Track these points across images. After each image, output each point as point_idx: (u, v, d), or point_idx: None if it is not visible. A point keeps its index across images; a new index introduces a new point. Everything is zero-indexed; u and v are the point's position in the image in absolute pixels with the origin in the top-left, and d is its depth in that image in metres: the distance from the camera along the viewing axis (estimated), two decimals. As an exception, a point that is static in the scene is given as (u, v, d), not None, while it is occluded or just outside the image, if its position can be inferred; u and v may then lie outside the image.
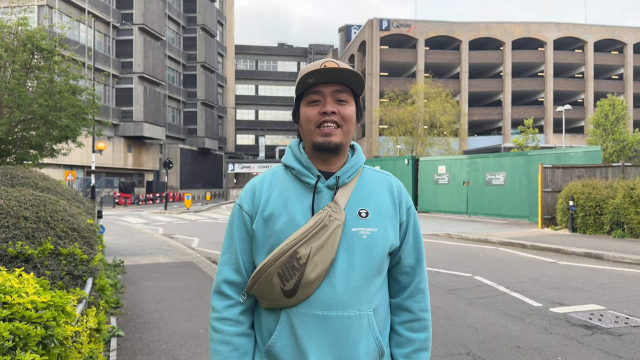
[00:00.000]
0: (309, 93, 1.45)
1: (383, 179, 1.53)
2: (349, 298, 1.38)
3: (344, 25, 64.71)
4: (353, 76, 1.42)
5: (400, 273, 1.53)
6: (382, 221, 1.45)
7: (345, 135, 1.43)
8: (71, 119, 9.44)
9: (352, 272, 1.40)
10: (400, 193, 1.53)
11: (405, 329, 1.51)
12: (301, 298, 1.37)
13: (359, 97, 1.50)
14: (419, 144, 41.22)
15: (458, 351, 4.68)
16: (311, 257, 1.36)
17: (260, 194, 1.47)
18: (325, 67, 1.41)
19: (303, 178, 1.45)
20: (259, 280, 1.40)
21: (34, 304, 2.27)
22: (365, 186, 1.49)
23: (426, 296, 1.55)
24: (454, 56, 51.29)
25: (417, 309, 1.52)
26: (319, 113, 1.42)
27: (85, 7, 36.51)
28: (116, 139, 39.64)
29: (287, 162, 1.50)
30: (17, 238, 4.39)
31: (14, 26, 9.65)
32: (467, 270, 8.69)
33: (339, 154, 1.46)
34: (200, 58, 52.32)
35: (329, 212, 1.39)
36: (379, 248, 1.43)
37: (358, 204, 1.44)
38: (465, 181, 20.20)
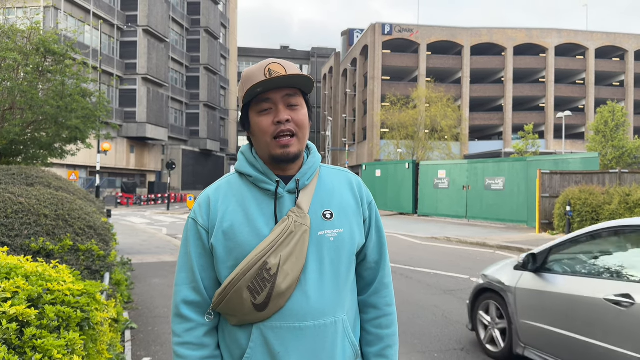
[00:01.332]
0: (258, 101, 1.38)
1: (342, 176, 1.51)
2: (324, 305, 1.35)
3: (346, 29, 65.11)
4: (300, 78, 1.37)
5: (365, 269, 1.51)
6: (347, 220, 1.42)
7: (301, 143, 1.40)
8: (81, 120, 9.73)
9: (323, 277, 1.36)
10: (361, 189, 1.50)
11: (374, 327, 1.50)
12: (273, 310, 1.32)
13: (307, 96, 1.46)
14: (420, 148, 41.50)
15: (453, 347, 4.94)
16: (281, 266, 1.31)
17: (217, 206, 1.40)
18: (270, 74, 1.35)
19: (261, 185, 1.40)
20: (227, 297, 1.34)
21: (71, 291, 2.54)
22: (325, 186, 1.45)
23: (390, 290, 1.54)
24: (456, 61, 51.60)
25: (382, 305, 1.51)
26: (273, 123, 1.37)
27: (91, 8, 36.86)
28: (119, 140, 39.95)
29: (242, 170, 1.44)
30: (39, 234, 4.66)
31: (27, 30, 9.95)
32: (464, 272, 8.95)
33: (296, 160, 1.43)
34: (203, 60, 52.67)
35: (294, 217, 1.36)
36: (347, 249, 1.40)
37: (321, 205, 1.41)
38: (465, 186, 20.46)
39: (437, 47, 52.17)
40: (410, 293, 7.30)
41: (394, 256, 10.79)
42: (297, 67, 1.44)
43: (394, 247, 12.51)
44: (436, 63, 51.26)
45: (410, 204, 23.66)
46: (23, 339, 1.97)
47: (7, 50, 9.12)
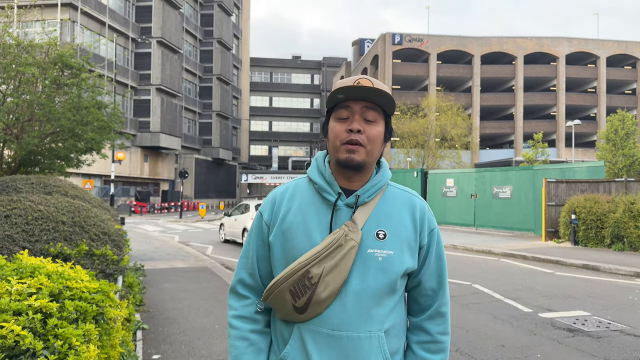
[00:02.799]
0: (339, 108, 1.45)
1: (407, 199, 1.52)
2: (359, 319, 1.39)
3: (357, 38, 65.54)
4: (383, 96, 1.42)
5: (420, 295, 1.53)
6: (399, 244, 1.44)
7: (368, 155, 1.44)
8: (96, 132, 10.13)
9: (364, 293, 1.40)
10: (424, 215, 1.51)
11: (421, 349, 1.51)
12: (312, 315, 1.39)
13: (389, 117, 1.50)
14: (429, 156, 41.63)
15: (447, 348, 5.16)
16: (323, 276, 1.37)
17: (281, 205, 1.50)
18: (357, 84, 1.42)
19: (324, 194, 1.46)
20: (272, 295, 1.43)
21: (88, 288, 2.84)
22: (386, 206, 1.48)
23: (446, 320, 1.54)
24: (466, 70, 51.75)
25: (435, 332, 1.51)
26: (346, 130, 1.43)
27: (106, 21, 37.69)
28: (133, 149, 40.61)
29: (310, 176, 1.52)
30: (57, 240, 4.99)
31: (45, 45, 10.40)
32: (467, 279, 9.14)
33: (362, 171, 1.46)
34: (216, 70, 53.40)
35: (346, 231, 1.40)
36: (394, 271, 1.42)
37: (377, 224, 1.44)
38: (473, 194, 20.60)
39: (447, 57, 52.38)
40: (411, 298, 7.52)
41: (399, 263, 11.00)
42: (385, 86, 1.47)
43: (400, 254, 12.72)
44: (446, 72, 51.45)
45: (419, 212, 23.80)
46: (46, 328, 2.27)
47: (27, 65, 9.55)
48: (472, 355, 4.93)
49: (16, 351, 2.04)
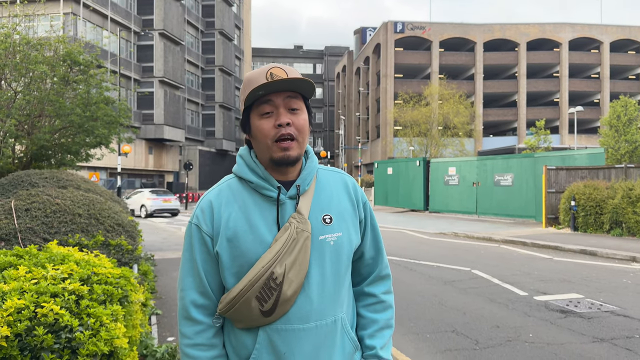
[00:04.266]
0: (259, 104, 1.40)
1: (339, 179, 1.54)
2: (324, 306, 1.40)
3: (359, 27, 65.44)
4: (303, 83, 1.40)
5: (363, 266, 1.56)
6: (345, 224, 1.46)
7: (301, 147, 1.43)
8: (105, 127, 10.42)
9: (324, 280, 1.41)
10: (356, 190, 1.54)
11: (368, 311, 1.55)
12: (279, 315, 1.37)
13: (308, 101, 1.48)
14: (432, 145, 41.80)
15: (444, 329, 5.46)
16: (286, 274, 1.35)
17: (220, 212, 1.43)
18: (272, 78, 1.38)
19: (263, 191, 1.42)
20: (236, 306, 1.37)
21: (112, 274, 3.14)
22: (324, 190, 1.49)
23: (389, 280, 1.59)
24: (469, 58, 51.69)
25: (379, 292, 1.56)
26: (274, 126, 1.39)
27: (108, 14, 37.84)
28: (138, 141, 40.93)
29: (242, 175, 1.46)
30: (75, 231, 5.30)
31: (54, 43, 10.64)
32: (466, 265, 9.42)
33: (295, 164, 1.45)
34: (218, 62, 53.52)
35: (295, 224, 1.39)
36: (345, 251, 1.45)
37: (321, 210, 1.45)
38: (474, 182, 20.83)
39: (449, 44, 52.31)
40: (412, 284, 7.82)
41: (401, 250, 11.30)
42: (298, 72, 1.45)
43: (402, 242, 13.02)
44: (449, 60, 51.42)
45: (422, 200, 24.09)
46: (80, 308, 2.56)
47: (36, 62, 9.81)
48: (467, 335, 5.22)
49: (56, 327, 2.34)
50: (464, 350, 4.77)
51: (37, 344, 2.23)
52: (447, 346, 4.91)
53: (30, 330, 2.26)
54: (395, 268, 9.13)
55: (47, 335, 2.25)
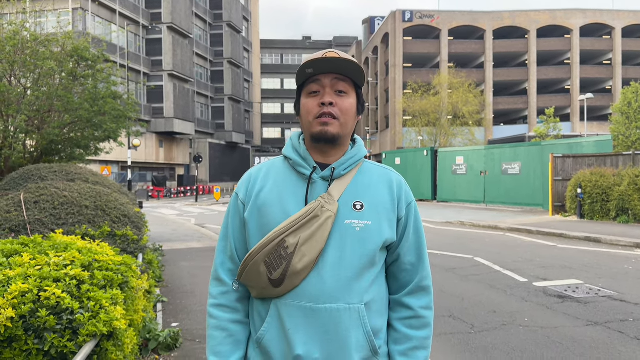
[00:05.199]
0: (308, 83, 1.44)
1: (383, 174, 1.52)
2: (338, 290, 1.36)
3: (367, 17, 65.12)
4: (353, 66, 1.41)
5: (399, 270, 1.50)
6: (377, 215, 1.43)
7: (342, 128, 1.43)
8: (114, 122, 10.62)
9: (342, 264, 1.38)
10: (400, 189, 1.50)
11: (403, 325, 1.47)
12: (288, 288, 1.36)
13: (360, 89, 1.49)
14: (442, 134, 41.66)
15: (442, 314, 5.59)
16: (299, 246, 1.36)
17: (255, 183, 1.49)
18: (325, 56, 1.40)
19: (299, 169, 1.46)
20: (247, 268, 1.41)
21: (113, 261, 3.30)
22: (363, 180, 1.48)
23: (429, 294, 1.51)
24: (478, 46, 51.29)
25: (417, 306, 1.48)
26: (318, 104, 1.42)
27: (117, 8, 38.08)
28: (148, 135, 41.30)
29: (285, 153, 1.51)
30: (82, 222, 5.49)
31: (61, 39, 10.83)
32: (469, 253, 9.52)
33: (336, 145, 1.46)
34: (226, 54, 53.64)
35: (322, 202, 1.39)
36: (372, 241, 1.40)
37: (354, 196, 1.44)
38: (482, 171, 20.83)
39: (458, 32, 51.92)
40: (414, 271, 7.93)
41: (406, 239, 11.40)
42: (352, 58, 1.45)
43: (408, 231, 13.11)
44: (458, 48, 51.06)
45: (430, 190, 24.13)
46: (81, 292, 2.72)
47: (44, 59, 10.01)
48: (464, 320, 5.34)
49: (58, 310, 2.50)
50: (459, 334, 4.90)
51: (40, 325, 2.40)
52: (442, 330, 5.03)
53: (33, 312, 2.42)
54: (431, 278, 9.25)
55: (50, 317, 2.41)
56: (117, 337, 2.69)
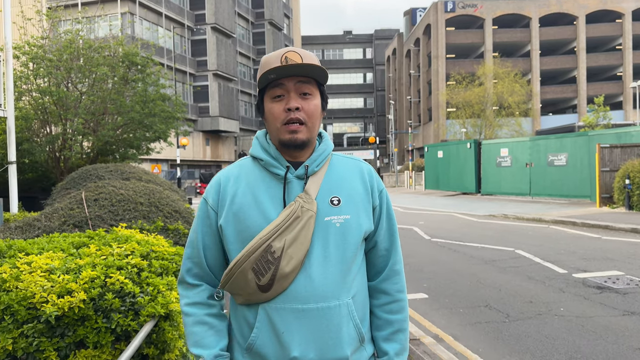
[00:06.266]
0: (272, 87, 1.42)
1: (354, 165, 1.53)
2: (327, 289, 1.37)
3: (409, 8, 64.46)
4: (315, 68, 1.40)
5: (376, 257, 1.53)
6: (354, 207, 1.44)
7: (310, 131, 1.43)
8: (163, 122, 11.20)
9: (328, 261, 1.39)
10: (372, 177, 1.52)
11: (384, 312, 1.52)
12: (277, 292, 1.36)
13: (323, 87, 1.49)
14: (487, 126, 40.92)
15: (478, 304, 5.74)
16: (285, 249, 1.35)
17: (226, 187, 1.46)
18: (286, 62, 1.38)
19: (272, 169, 1.44)
20: (233, 276, 1.39)
21: (167, 252, 3.66)
22: (335, 173, 1.48)
23: (402, 277, 1.56)
24: (524, 34, 49.94)
25: (393, 291, 1.53)
26: (284, 110, 1.40)
27: (163, 11, 39.33)
28: (195, 134, 42.52)
29: (254, 154, 1.48)
30: (137, 218, 5.94)
31: (113, 45, 11.49)
32: (510, 246, 9.53)
33: (305, 148, 1.46)
34: (268, 52, 54.22)
35: (301, 203, 1.39)
36: (353, 235, 1.42)
37: (329, 192, 1.44)
38: (527, 163, 20.47)
39: (503, 21, 50.70)
40: (453, 263, 8.07)
41: (446, 233, 11.49)
42: (314, 57, 1.45)
43: (449, 225, 13.16)
44: (503, 37, 49.88)
45: (473, 183, 23.88)
46: (141, 278, 3.08)
47: (98, 65, 10.66)
48: (499, 310, 5.48)
49: (122, 293, 2.86)
50: (493, 323, 5.05)
51: (107, 306, 2.76)
52: (477, 319, 5.20)
53: (101, 296, 2.79)
54: (439, 250, 9.38)
55: (115, 300, 2.77)
56: (173, 318, 3.03)
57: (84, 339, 2.70)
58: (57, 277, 2.76)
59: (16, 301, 2.59)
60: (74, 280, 2.78)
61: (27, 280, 2.68)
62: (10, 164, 8.58)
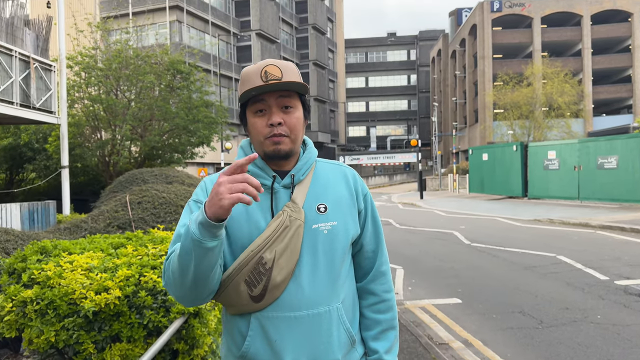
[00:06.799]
0: (253, 102, 1.43)
1: (337, 170, 1.56)
2: (317, 295, 1.40)
3: (454, 9, 63.54)
4: (294, 85, 1.41)
5: (363, 259, 1.57)
6: (341, 213, 1.47)
7: (293, 143, 1.45)
8: (206, 128, 11.59)
9: (317, 269, 1.41)
10: (356, 182, 1.56)
11: (372, 312, 1.56)
12: (269, 301, 1.38)
13: (304, 96, 1.50)
14: (535, 127, 39.77)
15: (512, 310, 5.68)
16: (276, 260, 1.37)
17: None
18: (266, 77, 1.39)
19: (258, 179, 1.43)
20: (226, 289, 1.39)
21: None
22: (320, 180, 1.50)
23: (388, 278, 1.59)
24: (574, 33, 48.30)
25: (380, 291, 1.56)
26: (266, 125, 1.42)
27: (209, 18, 40.38)
28: (240, 137, 43.36)
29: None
30: (177, 220, 6.21)
31: (159, 54, 11.97)
32: (552, 251, 9.29)
33: (289, 158, 1.47)
34: (312, 56, 54.83)
35: (289, 212, 1.41)
36: (340, 241, 1.45)
37: (316, 199, 1.46)
38: (576, 166, 19.82)
39: (552, 20, 49.21)
40: (491, 268, 7.97)
41: (486, 238, 11.32)
42: (294, 69, 1.46)
43: (490, 229, 12.95)
44: (552, 36, 48.43)
45: (520, 187, 23.30)
46: (173, 278, 3.26)
47: (145, 73, 11.14)
48: (533, 316, 5.41)
49: (154, 291, 3.05)
50: (526, 329, 5.00)
51: (140, 303, 2.95)
52: (510, 325, 5.15)
53: (135, 293, 2.99)
54: (478, 254, 9.28)
55: (148, 297, 2.96)
56: (202, 316, 3.20)
57: (118, 333, 2.90)
58: (95, 275, 2.97)
59: (58, 297, 2.82)
60: (110, 278, 2.98)
61: (68, 278, 2.91)
62: (63, 168, 9.11)
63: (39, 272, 2.98)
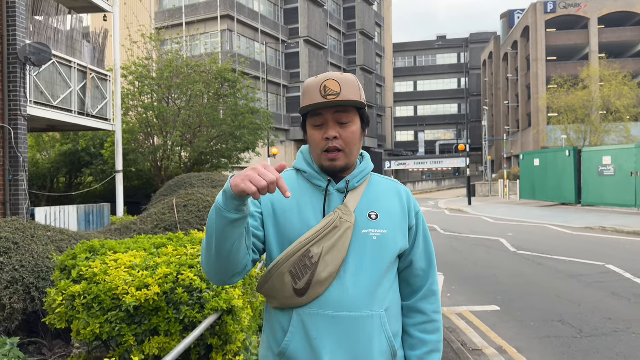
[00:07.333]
0: (312, 115, 1.48)
1: (391, 186, 1.59)
2: (360, 298, 1.41)
3: (506, 11, 62.08)
4: (351, 103, 1.45)
5: (412, 276, 1.57)
6: (391, 224, 1.50)
7: (348, 157, 1.48)
8: (251, 134, 11.92)
9: (362, 272, 1.43)
10: (409, 199, 1.58)
11: (418, 331, 1.54)
12: (312, 297, 1.40)
13: (363, 109, 1.53)
14: (591, 132, 38.24)
15: (551, 319, 5.58)
16: (323, 256, 1.40)
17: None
18: (325, 91, 1.43)
19: (314, 181, 1.50)
20: (272, 278, 1.43)
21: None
22: (374, 191, 1.54)
23: (438, 298, 1.59)
24: (634, 33, 46.19)
25: (430, 311, 1.56)
26: (323, 138, 1.46)
27: (259, 27, 41.24)
28: (288, 143, 43.96)
29: (298, 166, 1.56)
30: (220, 223, 6.47)
31: (208, 63, 12.42)
32: (601, 260, 9.00)
33: (346, 171, 1.52)
34: (359, 62, 54.92)
35: (340, 214, 1.44)
36: (389, 249, 1.47)
37: (368, 207, 1.49)
38: (632, 172, 18.98)
39: (610, 20, 47.23)
40: (534, 276, 7.82)
41: (533, 245, 11.06)
42: (353, 83, 1.49)
43: (539, 237, 12.62)
44: (610, 37, 46.47)
45: (573, 193, 22.50)
46: (209, 277, 3.46)
47: (194, 82, 11.59)
48: (573, 325, 5.30)
49: (190, 289, 3.25)
50: (564, 338, 4.92)
51: (177, 300, 3.16)
52: (547, 333, 5.08)
53: (173, 290, 3.20)
54: (522, 262, 9.10)
55: (184, 294, 3.16)
56: (235, 313, 3.38)
57: (157, 327, 3.12)
58: (137, 272, 3.21)
59: (103, 292, 3.06)
60: (150, 275, 3.21)
61: (113, 275, 3.16)
62: (117, 172, 9.62)
63: (87, 269, 3.24)
